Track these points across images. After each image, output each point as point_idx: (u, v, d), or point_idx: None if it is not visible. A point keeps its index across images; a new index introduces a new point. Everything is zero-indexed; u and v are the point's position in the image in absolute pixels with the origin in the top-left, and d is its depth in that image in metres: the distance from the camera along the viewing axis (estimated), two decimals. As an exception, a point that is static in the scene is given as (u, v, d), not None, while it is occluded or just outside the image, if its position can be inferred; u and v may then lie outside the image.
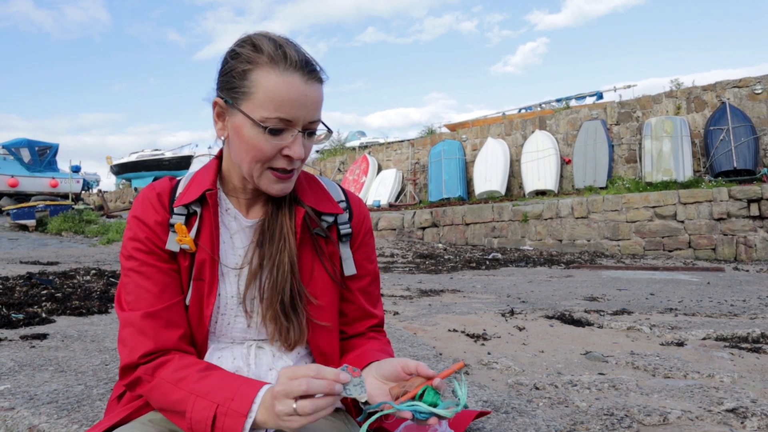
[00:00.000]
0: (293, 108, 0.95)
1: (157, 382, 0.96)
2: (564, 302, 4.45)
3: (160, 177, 12.10)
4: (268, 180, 1.01)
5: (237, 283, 1.08)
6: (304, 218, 1.09)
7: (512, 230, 12.19)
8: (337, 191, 1.18)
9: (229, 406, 0.89)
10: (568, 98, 17.69)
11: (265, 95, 0.95)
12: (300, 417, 0.83)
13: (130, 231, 1.05)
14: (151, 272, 1.02)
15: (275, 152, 0.98)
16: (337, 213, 1.13)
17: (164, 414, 0.98)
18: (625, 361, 2.42)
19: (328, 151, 22.16)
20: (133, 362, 0.97)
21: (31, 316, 3.35)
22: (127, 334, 1.00)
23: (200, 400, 0.91)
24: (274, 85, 0.95)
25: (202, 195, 1.05)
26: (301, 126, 0.97)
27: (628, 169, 12.90)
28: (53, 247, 11.70)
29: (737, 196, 9.82)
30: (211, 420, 0.89)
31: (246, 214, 1.11)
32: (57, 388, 1.89)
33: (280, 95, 0.95)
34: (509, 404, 1.79)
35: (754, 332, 3.03)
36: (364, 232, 1.18)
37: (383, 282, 5.90)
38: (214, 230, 1.06)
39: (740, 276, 6.89)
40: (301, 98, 0.96)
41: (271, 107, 0.95)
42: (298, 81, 0.96)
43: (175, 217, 1.05)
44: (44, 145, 21.86)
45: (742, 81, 11.79)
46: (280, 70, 0.95)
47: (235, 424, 0.87)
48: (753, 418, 1.64)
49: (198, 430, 0.90)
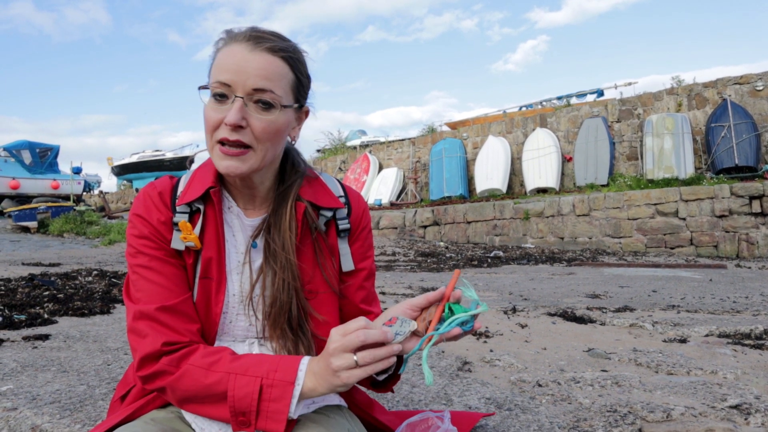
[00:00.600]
0: (231, 72, 0.96)
1: (186, 369, 0.94)
2: (566, 300, 4.45)
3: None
4: (217, 156, 1.00)
5: (240, 281, 1.07)
6: (305, 213, 1.08)
7: (514, 228, 12.18)
8: (336, 186, 1.18)
9: (273, 377, 0.90)
10: (569, 96, 17.68)
11: (214, 68, 1.00)
12: (359, 369, 0.86)
13: (134, 228, 1.04)
14: (161, 267, 1.02)
15: (219, 120, 0.98)
16: (336, 207, 1.12)
17: (190, 407, 0.96)
18: (628, 357, 2.41)
19: (329, 150, 22.16)
20: (157, 350, 0.95)
21: (34, 317, 3.35)
22: (144, 325, 0.98)
23: (240, 377, 0.91)
24: (219, 57, 0.99)
25: (206, 192, 1.05)
26: (241, 91, 0.96)
27: (630, 166, 12.88)
28: (55, 248, 11.72)
29: (739, 193, 9.80)
30: (257, 393, 0.89)
31: (247, 213, 1.10)
32: (59, 388, 1.89)
33: (222, 62, 0.98)
34: (512, 401, 1.78)
35: (756, 329, 3.02)
36: (362, 228, 1.17)
37: (385, 280, 5.89)
38: (219, 227, 1.05)
39: (742, 273, 6.88)
40: (241, 63, 0.96)
41: (215, 74, 0.98)
42: (240, 48, 0.98)
43: (178, 215, 1.04)
44: (45, 146, 21.88)
45: (744, 78, 11.76)
46: (228, 46, 0.99)
47: (283, 393, 0.88)
48: (757, 415, 1.63)
49: (242, 407, 0.90)
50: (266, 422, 0.90)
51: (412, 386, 1.99)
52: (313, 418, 1.00)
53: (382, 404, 1.79)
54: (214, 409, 0.93)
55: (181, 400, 0.96)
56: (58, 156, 22.31)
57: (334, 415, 1.04)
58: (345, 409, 1.10)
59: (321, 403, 1.06)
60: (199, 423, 1.02)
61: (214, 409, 0.93)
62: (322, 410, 1.05)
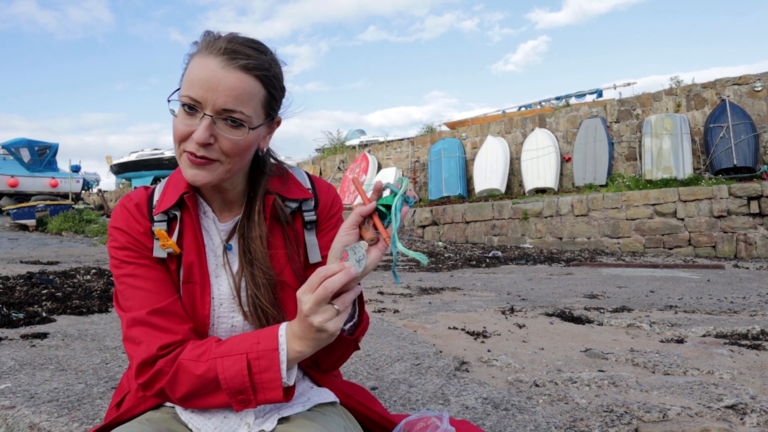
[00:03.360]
0: (202, 89, 0.95)
1: (179, 365, 0.95)
2: (564, 300, 4.45)
3: (160, 176, 12.14)
4: (184, 163, 1.01)
5: (219, 284, 1.08)
6: (273, 204, 1.09)
7: (512, 228, 12.19)
8: (304, 178, 1.18)
9: (257, 349, 0.91)
10: (567, 96, 17.67)
11: (185, 77, 0.98)
12: (342, 314, 0.88)
13: (115, 241, 1.05)
14: (146, 273, 1.03)
15: (187, 133, 0.98)
16: (303, 198, 1.13)
17: (192, 403, 0.97)
18: (625, 358, 2.42)
19: (328, 150, 22.14)
20: (152, 355, 0.96)
21: (32, 315, 3.36)
22: (138, 332, 0.99)
23: (227, 359, 0.92)
24: (192, 67, 0.98)
25: (180, 198, 1.06)
26: (210, 110, 0.96)
27: (628, 166, 12.89)
28: (53, 246, 11.71)
29: (737, 194, 9.81)
30: (246, 369, 0.90)
31: (222, 217, 1.11)
32: (57, 386, 1.89)
33: (193, 75, 0.97)
34: (509, 401, 1.79)
35: (753, 329, 3.03)
36: (329, 217, 1.17)
37: (383, 280, 5.90)
38: (197, 232, 1.06)
39: (740, 273, 6.89)
40: (212, 80, 0.95)
41: (186, 86, 0.97)
42: (213, 64, 0.96)
43: (156, 224, 1.05)
44: (44, 144, 21.86)
45: (742, 78, 11.77)
46: (202, 55, 0.98)
47: (270, 362, 0.89)
48: (752, 415, 1.64)
49: (236, 386, 0.91)
50: (264, 393, 0.92)
51: (409, 386, 2.00)
52: (308, 416, 1.01)
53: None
54: (213, 398, 0.94)
55: (182, 399, 0.97)
56: (56, 154, 22.29)
57: (329, 413, 1.05)
58: (340, 406, 1.11)
59: (316, 400, 1.07)
60: (195, 423, 1.03)
61: (213, 398, 0.94)
62: (317, 408, 1.05)
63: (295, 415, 1.02)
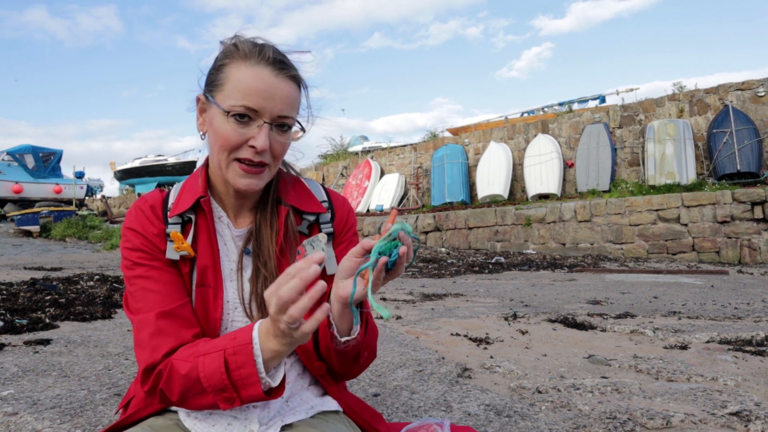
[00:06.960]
0: (259, 98, 0.97)
1: (171, 366, 0.95)
2: (567, 306, 4.44)
3: (163, 182, 12.13)
4: (235, 173, 1.02)
5: (233, 288, 1.08)
6: (286, 217, 1.09)
7: (515, 234, 12.18)
8: (320, 191, 1.19)
9: (233, 344, 0.90)
10: (570, 102, 17.69)
11: (234, 85, 0.99)
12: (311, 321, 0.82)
13: (128, 242, 1.06)
14: (158, 275, 1.03)
15: (241, 141, 0.99)
16: (319, 212, 1.13)
17: (186, 404, 0.96)
18: (628, 364, 2.41)
19: (331, 156, 22.19)
20: (156, 361, 0.97)
21: (35, 321, 3.36)
22: (145, 336, 0.99)
23: (207, 356, 0.92)
24: (243, 75, 0.98)
25: (196, 202, 1.06)
26: (268, 117, 0.98)
27: (631, 172, 12.88)
28: (57, 252, 11.74)
29: (741, 199, 9.78)
30: (223, 366, 0.90)
31: (236, 223, 1.12)
32: (60, 393, 1.90)
33: (247, 84, 0.98)
34: (511, 408, 1.78)
35: (758, 335, 3.01)
36: (346, 230, 1.18)
37: (386, 286, 5.89)
38: (212, 235, 1.07)
39: (744, 279, 6.86)
40: (269, 89, 0.98)
41: (239, 96, 0.98)
42: (266, 73, 0.99)
43: (171, 226, 1.06)
44: (48, 151, 21.95)
45: (745, 83, 11.77)
46: (251, 63, 0.99)
47: (246, 358, 0.88)
48: (757, 422, 1.63)
49: (216, 384, 0.91)
50: (245, 390, 0.91)
51: (411, 392, 1.99)
52: (311, 423, 1.01)
53: (381, 411, 1.79)
54: (202, 398, 0.94)
55: (178, 400, 0.97)
56: (61, 160, 22.38)
57: (332, 420, 1.04)
58: (344, 415, 1.11)
59: (320, 408, 1.07)
60: (199, 429, 1.03)
61: (202, 398, 0.94)
62: (320, 415, 1.05)
63: (299, 422, 1.02)
